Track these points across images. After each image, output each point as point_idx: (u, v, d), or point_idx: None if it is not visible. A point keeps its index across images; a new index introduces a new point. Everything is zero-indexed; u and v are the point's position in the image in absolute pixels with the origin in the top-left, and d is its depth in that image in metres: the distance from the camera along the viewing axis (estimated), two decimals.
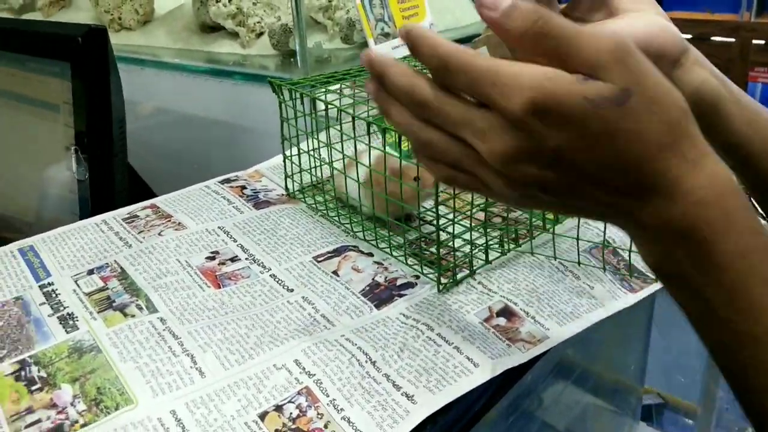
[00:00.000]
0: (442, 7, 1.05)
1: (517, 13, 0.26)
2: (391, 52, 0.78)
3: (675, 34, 0.35)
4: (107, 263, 0.54)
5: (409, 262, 0.54)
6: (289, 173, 0.64)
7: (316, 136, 0.60)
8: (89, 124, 0.68)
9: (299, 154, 0.63)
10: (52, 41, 0.69)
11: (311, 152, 0.60)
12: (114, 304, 0.48)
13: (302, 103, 0.60)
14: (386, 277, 0.52)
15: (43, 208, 0.80)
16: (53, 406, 0.39)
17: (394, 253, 0.55)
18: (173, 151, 0.98)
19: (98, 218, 0.62)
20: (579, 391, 0.70)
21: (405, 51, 0.84)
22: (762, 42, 1.99)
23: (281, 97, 0.61)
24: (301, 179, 0.65)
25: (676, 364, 0.85)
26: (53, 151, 0.75)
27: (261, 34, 0.91)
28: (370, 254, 0.56)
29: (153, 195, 0.89)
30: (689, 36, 1.96)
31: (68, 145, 0.72)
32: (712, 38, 2.06)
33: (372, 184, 0.55)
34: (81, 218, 0.72)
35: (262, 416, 0.38)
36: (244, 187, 0.67)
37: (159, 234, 0.58)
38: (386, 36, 0.78)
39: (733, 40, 2.03)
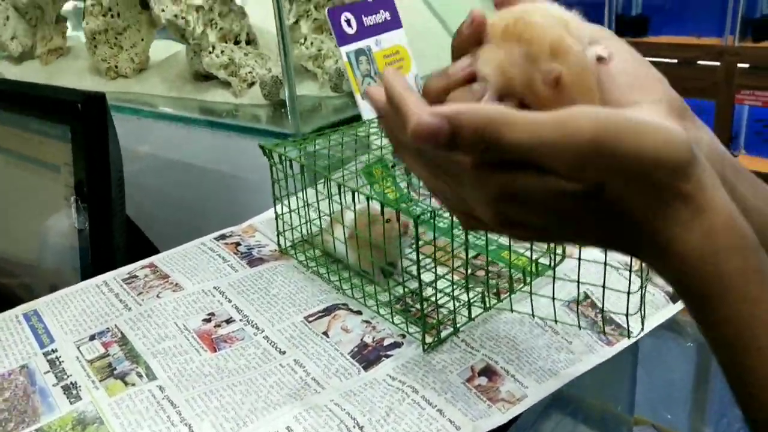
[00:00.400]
0: (424, 53, 1.09)
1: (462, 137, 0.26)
2: None
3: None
4: (108, 328, 0.56)
5: (395, 321, 0.56)
6: (281, 230, 0.67)
7: (304, 196, 0.63)
8: (88, 184, 0.71)
9: (290, 212, 0.66)
10: (53, 105, 0.72)
11: (299, 210, 0.63)
12: (115, 372, 0.51)
13: (290, 166, 0.62)
14: (374, 337, 0.55)
15: (45, 258, 0.83)
16: None
17: (381, 311, 0.58)
18: (170, 198, 1.01)
19: (99, 279, 0.65)
20: (573, 422, 0.73)
21: None
22: (747, 65, 2.03)
23: (272, 160, 0.64)
24: (293, 236, 0.68)
25: (662, 399, 0.88)
26: (54, 207, 0.77)
27: (252, 83, 0.94)
28: (359, 312, 0.58)
29: (151, 244, 0.92)
30: (675, 60, 2.01)
31: (68, 199, 0.74)
32: (698, 62, 2.11)
33: (356, 240, 0.58)
34: (82, 269, 0.75)
35: None
36: (238, 244, 0.70)
37: (157, 296, 0.61)
38: None
39: (718, 63, 2.08)
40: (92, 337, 0.55)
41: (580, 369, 0.52)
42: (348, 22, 0.79)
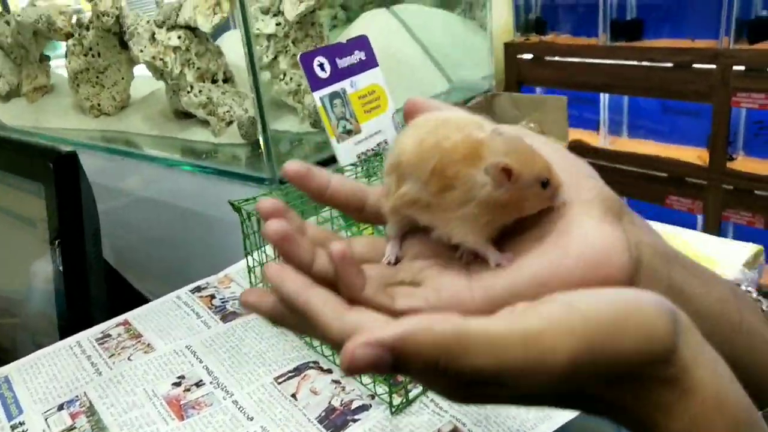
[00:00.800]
0: (405, 81, 1.08)
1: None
2: (353, 148, 0.81)
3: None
4: (77, 396, 0.56)
5: (363, 381, 0.56)
6: (254, 283, 0.67)
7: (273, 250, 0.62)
8: (62, 240, 0.71)
9: (260, 265, 0.66)
10: (27, 163, 0.73)
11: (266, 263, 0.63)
12: None
13: (258, 223, 0.62)
14: (342, 400, 0.54)
15: (25, 310, 0.83)
16: None
17: None
18: (151, 239, 1.01)
19: (72, 339, 0.65)
20: None
21: (368, 144, 0.87)
22: (742, 68, 2.01)
23: (241, 216, 0.64)
24: (266, 287, 0.67)
25: None
26: (32, 260, 0.78)
27: (231, 122, 0.94)
28: (329, 371, 0.58)
29: (131, 288, 0.92)
30: (670, 64, 1.99)
31: (46, 252, 0.75)
32: (694, 65, 2.09)
33: None
34: (59, 323, 0.75)
35: None
36: (213, 297, 0.70)
37: (129, 358, 0.61)
38: (348, 133, 0.81)
39: (713, 66, 2.06)
40: (60, 407, 0.55)
41: (552, 426, 0.52)
42: (321, 66, 0.78)
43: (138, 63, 1.01)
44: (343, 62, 0.82)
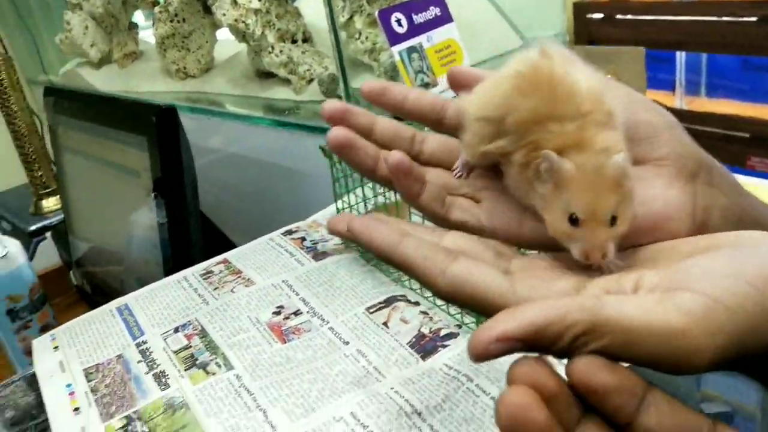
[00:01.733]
0: (478, 38, 1.10)
1: None
2: None
3: (676, 226, 0.26)
4: (189, 321, 0.63)
5: (451, 312, 0.60)
6: None
7: (362, 192, 0.67)
8: (164, 187, 0.77)
9: (350, 208, 0.70)
10: (131, 118, 0.79)
11: (357, 206, 0.67)
12: (197, 362, 0.56)
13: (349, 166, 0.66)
14: (431, 328, 0.58)
15: (132, 251, 0.91)
16: None
17: (438, 303, 0.61)
18: (240, 193, 1.07)
19: (180, 275, 0.71)
20: None
21: (444, 97, 0.90)
22: None
23: (331, 160, 0.68)
24: None
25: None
26: (137, 207, 0.85)
27: (311, 80, 0.99)
28: (417, 303, 0.62)
29: (224, 236, 0.98)
30: (753, 18, 1.90)
31: (150, 200, 0.81)
32: None
33: None
34: (164, 262, 0.82)
35: None
36: (303, 239, 0.75)
37: (231, 291, 0.66)
38: (426, 86, 0.84)
39: None
40: (176, 330, 0.61)
41: None
42: (398, 21, 0.81)
43: (221, 26, 1.06)
44: (419, 18, 0.84)
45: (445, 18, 0.88)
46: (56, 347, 0.62)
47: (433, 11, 0.87)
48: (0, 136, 1.42)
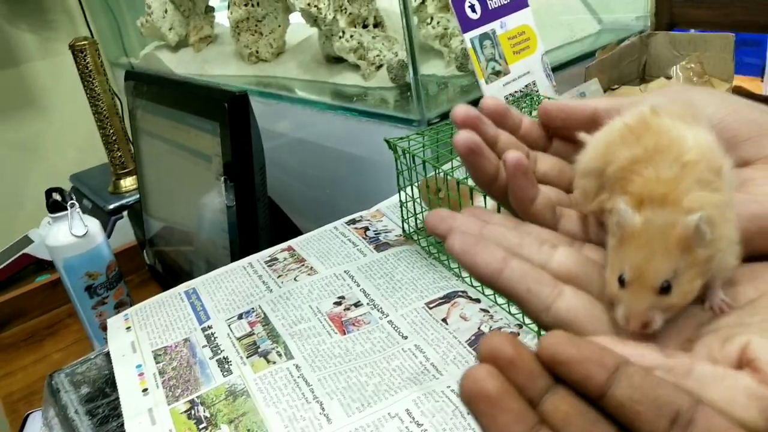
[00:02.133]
0: (554, 23, 1.05)
1: None
2: (502, 89, 0.82)
3: None
4: (253, 308, 0.64)
5: (512, 311, 0.58)
6: (405, 217, 0.71)
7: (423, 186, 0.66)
8: (234, 172, 0.79)
9: (413, 200, 0.69)
10: (204, 104, 0.81)
11: (419, 199, 0.66)
12: (259, 350, 0.58)
13: (413, 159, 0.65)
14: (491, 327, 0.57)
15: (202, 232, 0.94)
16: None
17: (499, 301, 0.60)
18: (307, 178, 1.08)
19: (245, 261, 0.73)
20: None
21: (516, 86, 0.87)
22: None
23: (396, 153, 0.67)
24: (416, 222, 0.71)
25: None
26: (207, 190, 0.87)
27: (381, 66, 0.98)
28: (477, 300, 0.61)
29: (289, 221, 1.00)
30: None
31: (220, 185, 0.83)
32: None
33: None
34: (230, 244, 0.84)
35: None
36: (367, 229, 0.75)
37: (295, 279, 0.67)
38: (497, 74, 0.81)
39: None
40: (240, 316, 0.63)
41: None
42: (472, 7, 0.79)
43: (294, 11, 1.07)
44: (493, 2, 0.82)
45: (520, 3, 0.85)
46: (129, 327, 0.64)
47: None
48: (84, 117, 1.49)
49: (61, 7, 1.72)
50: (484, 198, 0.56)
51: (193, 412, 0.52)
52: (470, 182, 0.62)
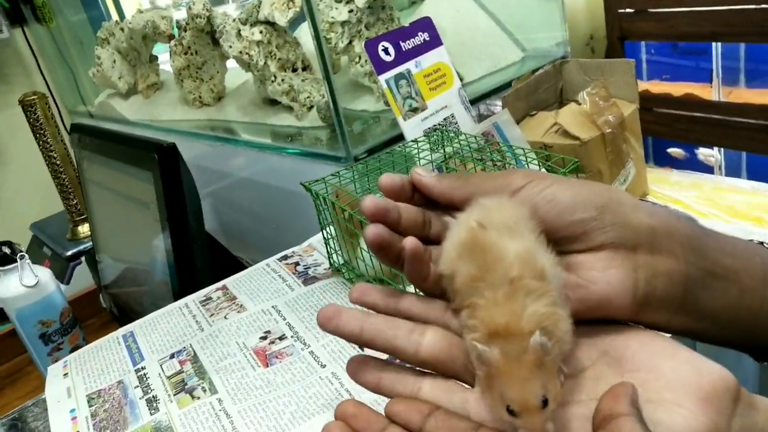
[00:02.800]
0: (478, 54, 1.12)
1: None
2: (420, 124, 0.87)
3: (619, 302, 0.30)
4: (185, 347, 0.68)
5: None
6: (330, 252, 0.75)
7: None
8: (170, 218, 0.83)
9: (334, 237, 0.74)
10: (138, 154, 0.85)
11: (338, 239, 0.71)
12: (186, 387, 0.61)
13: (326, 201, 0.70)
14: None
15: (149, 271, 0.97)
16: None
17: None
18: (251, 215, 1.12)
19: (182, 302, 0.76)
20: None
21: (434, 120, 0.92)
22: None
23: (312, 195, 0.72)
24: (340, 257, 0.76)
25: None
26: (149, 236, 0.91)
27: (312, 107, 1.03)
28: None
29: (233, 258, 1.04)
30: None
31: (158, 229, 0.87)
32: None
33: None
34: (172, 286, 0.87)
35: None
36: (297, 264, 0.79)
37: (225, 317, 0.71)
38: (414, 111, 0.87)
39: None
40: (172, 356, 0.67)
41: None
42: (386, 50, 0.84)
43: (229, 57, 1.12)
44: (407, 44, 0.87)
45: (434, 42, 0.91)
46: (66, 374, 0.68)
47: (422, 36, 0.90)
48: (42, 168, 1.53)
49: (15, 60, 1.76)
50: None
51: None
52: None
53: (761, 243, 0.33)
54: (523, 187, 0.32)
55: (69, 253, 1.34)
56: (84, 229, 1.39)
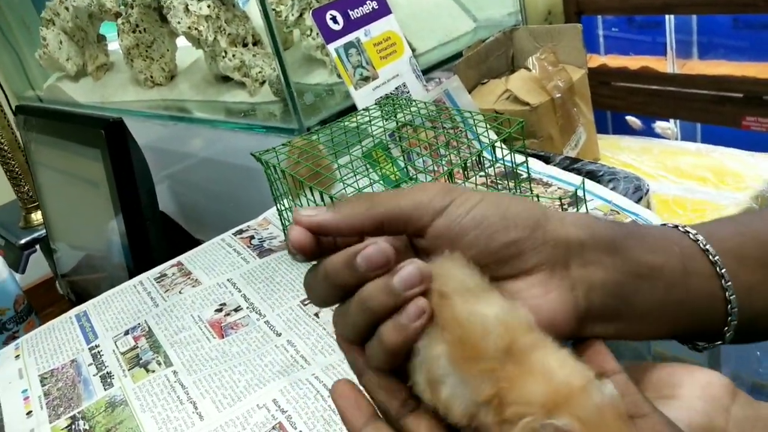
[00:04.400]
0: (430, 25, 1.12)
1: None
2: (371, 93, 0.87)
3: (563, 321, 0.29)
4: (139, 323, 0.67)
5: None
6: (284, 224, 0.75)
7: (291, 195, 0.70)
8: (121, 197, 0.82)
9: (286, 210, 0.74)
10: (85, 132, 0.83)
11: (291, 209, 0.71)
12: (140, 362, 0.61)
13: (281, 171, 0.70)
14: None
15: (105, 254, 0.96)
16: None
17: None
18: (208, 192, 1.11)
19: (136, 280, 0.76)
20: None
21: (386, 89, 0.92)
22: None
23: (264, 166, 0.71)
24: None
25: None
26: (100, 216, 0.89)
27: (264, 82, 1.02)
28: None
29: (191, 237, 1.03)
30: None
31: (110, 209, 0.86)
32: None
33: None
34: (127, 266, 0.86)
35: None
36: (252, 237, 0.79)
37: (179, 292, 0.71)
38: (366, 80, 0.87)
39: None
40: (126, 332, 0.66)
41: None
42: (334, 18, 0.84)
43: (178, 34, 1.10)
44: (355, 13, 0.87)
45: (383, 11, 0.91)
46: (18, 356, 0.67)
47: (370, 5, 0.89)
48: None
49: None
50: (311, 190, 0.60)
51: (73, 427, 0.55)
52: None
53: (676, 227, 0.33)
54: (446, 208, 0.29)
55: (22, 241, 1.31)
56: (37, 216, 1.35)
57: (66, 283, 1.13)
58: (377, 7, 0.89)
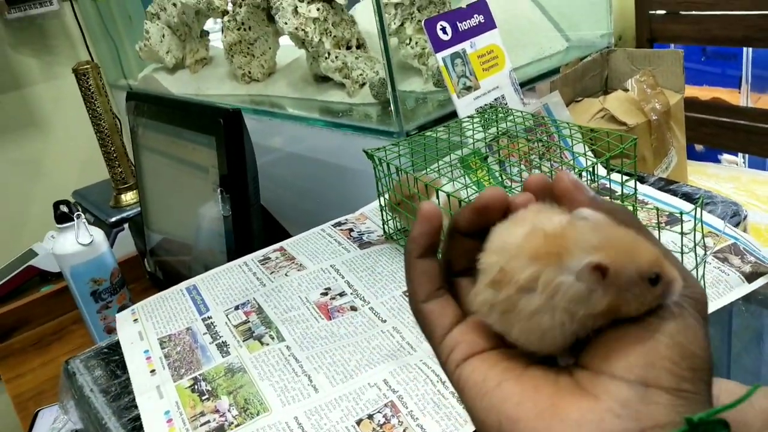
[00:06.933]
0: (525, 41, 1.14)
1: None
2: (472, 102, 0.90)
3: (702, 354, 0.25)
4: (248, 300, 0.71)
5: None
6: (385, 219, 0.79)
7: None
8: (229, 182, 0.86)
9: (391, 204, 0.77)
10: (202, 120, 0.88)
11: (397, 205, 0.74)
12: (254, 335, 0.65)
13: (388, 167, 0.73)
14: None
15: (200, 241, 1.01)
16: (216, 411, 0.56)
17: None
18: (297, 188, 1.16)
19: (241, 260, 0.80)
20: None
21: (486, 99, 0.95)
22: None
23: (374, 162, 0.75)
24: (395, 224, 0.79)
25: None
26: (205, 200, 0.94)
27: (364, 84, 1.06)
28: None
29: (281, 228, 1.07)
30: None
31: (216, 194, 0.91)
32: None
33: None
34: (227, 250, 0.91)
35: (358, 422, 0.53)
36: (351, 230, 0.82)
37: (285, 274, 0.74)
38: (468, 89, 0.90)
39: None
40: (237, 308, 0.70)
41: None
42: (443, 29, 0.87)
43: (283, 34, 1.15)
44: (463, 25, 0.90)
45: (488, 24, 0.94)
46: (135, 320, 0.71)
47: (477, 18, 0.93)
48: (85, 136, 1.57)
49: (62, 33, 1.81)
50: (437, 194, 0.63)
51: (196, 386, 0.59)
52: (439, 184, 0.70)
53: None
54: None
55: (112, 219, 1.38)
56: (128, 197, 1.43)
57: (155, 262, 1.19)
58: (484, 21, 0.93)
